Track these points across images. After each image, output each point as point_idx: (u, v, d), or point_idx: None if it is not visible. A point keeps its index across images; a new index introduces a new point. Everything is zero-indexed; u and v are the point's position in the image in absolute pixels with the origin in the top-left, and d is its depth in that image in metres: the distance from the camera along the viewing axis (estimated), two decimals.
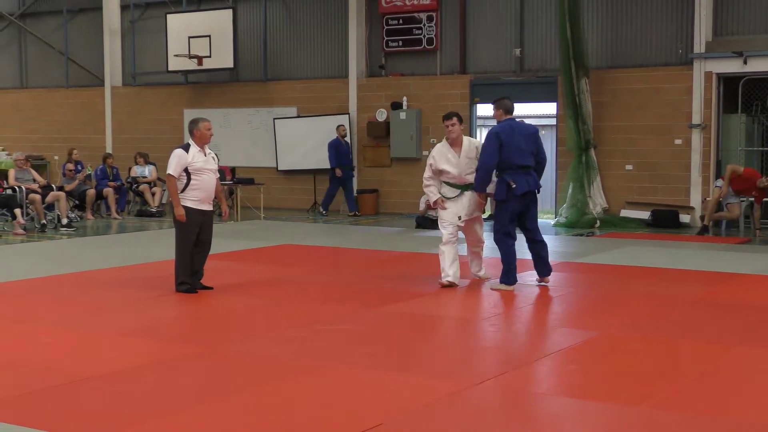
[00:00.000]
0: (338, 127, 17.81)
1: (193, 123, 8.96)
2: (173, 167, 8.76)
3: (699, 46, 15.45)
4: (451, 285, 9.14)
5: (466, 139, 9.25)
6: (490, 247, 10.15)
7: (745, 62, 15.13)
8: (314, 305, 8.30)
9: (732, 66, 15.31)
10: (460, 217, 9.20)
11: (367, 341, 6.91)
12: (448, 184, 9.25)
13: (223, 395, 5.37)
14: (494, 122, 9.59)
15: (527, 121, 12.15)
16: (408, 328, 7.39)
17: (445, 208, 9.24)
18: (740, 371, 6.09)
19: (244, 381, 5.75)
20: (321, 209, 17.82)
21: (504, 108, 9.17)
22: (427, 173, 9.29)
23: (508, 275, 9.04)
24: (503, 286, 9.04)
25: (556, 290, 9.19)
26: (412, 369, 6.06)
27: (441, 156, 9.19)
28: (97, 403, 5.28)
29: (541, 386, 5.82)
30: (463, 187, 9.17)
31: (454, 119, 9.11)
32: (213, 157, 9.02)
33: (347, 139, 18.00)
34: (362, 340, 6.94)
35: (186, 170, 8.77)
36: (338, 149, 17.56)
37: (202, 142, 8.86)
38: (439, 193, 9.28)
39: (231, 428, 4.84)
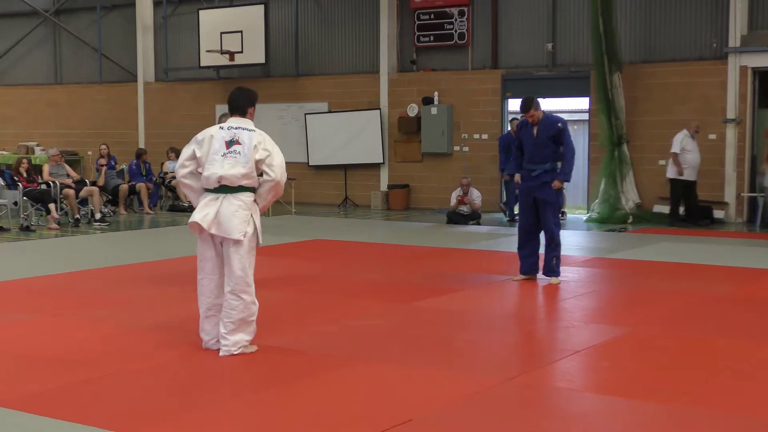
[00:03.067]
0: (511, 120, 16.01)
1: (219, 119, 9.00)
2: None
3: (734, 40, 15.26)
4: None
5: None
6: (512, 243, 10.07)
7: None
8: (344, 300, 8.31)
9: None
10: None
11: (398, 337, 6.90)
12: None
13: (254, 391, 5.40)
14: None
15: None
16: (438, 324, 7.38)
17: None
18: None
19: (274, 377, 5.77)
20: (505, 212, 16.20)
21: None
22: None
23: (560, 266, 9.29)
24: (559, 278, 9.19)
25: (588, 286, 9.14)
26: (442, 365, 6.05)
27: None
28: (130, 396, 5.32)
29: (572, 383, 5.78)
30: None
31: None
32: None
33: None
34: (392, 336, 6.94)
35: None
36: (509, 147, 14.69)
37: None
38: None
39: (261, 424, 4.86)
